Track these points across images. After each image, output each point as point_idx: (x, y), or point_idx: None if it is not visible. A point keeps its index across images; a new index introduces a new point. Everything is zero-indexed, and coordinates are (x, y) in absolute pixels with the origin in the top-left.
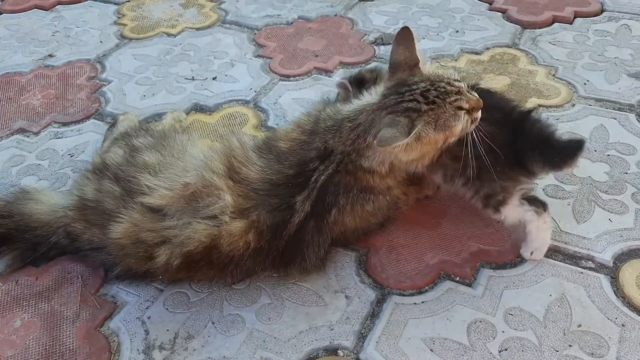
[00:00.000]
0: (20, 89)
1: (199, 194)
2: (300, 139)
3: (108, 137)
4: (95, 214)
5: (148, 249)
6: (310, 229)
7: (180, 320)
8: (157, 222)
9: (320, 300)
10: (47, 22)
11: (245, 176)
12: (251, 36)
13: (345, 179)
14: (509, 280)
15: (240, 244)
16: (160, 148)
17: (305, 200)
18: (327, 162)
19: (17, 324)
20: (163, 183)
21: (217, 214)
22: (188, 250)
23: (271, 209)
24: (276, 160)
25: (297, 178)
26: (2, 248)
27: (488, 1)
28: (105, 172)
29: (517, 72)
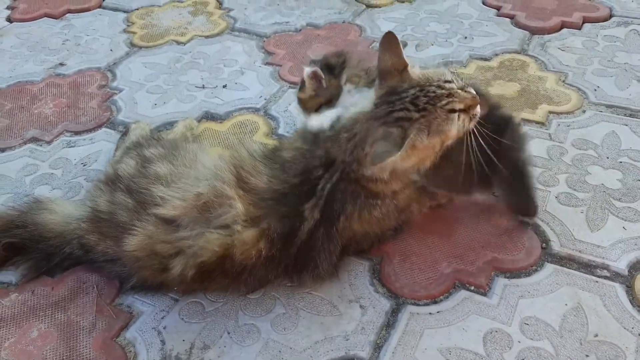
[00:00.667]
0: (32, 98)
1: (211, 203)
2: (303, 148)
3: (120, 146)
4: (108, 226)
5: (163, 261)
6: (320, 236)
7: (196, 330)
8: (171, 234)
9: (335, 310)
10: (57, 30)
11: (254, 186)
12: (260, 44)
13: (351, 186)
14: (524, 290)
15: (252, 252)
16: (172, 158)
17: (314, 208)
18: (331, 170)
19: (34, 334)
20: (176, 194)
21: (229, 223)
22: (202, 261)
23: (281, 217)
24: (281, 170)
25: (303, 186)
26: (16, 258)
27: (496, 7)
28: (117, 184)
29: (527, 78)
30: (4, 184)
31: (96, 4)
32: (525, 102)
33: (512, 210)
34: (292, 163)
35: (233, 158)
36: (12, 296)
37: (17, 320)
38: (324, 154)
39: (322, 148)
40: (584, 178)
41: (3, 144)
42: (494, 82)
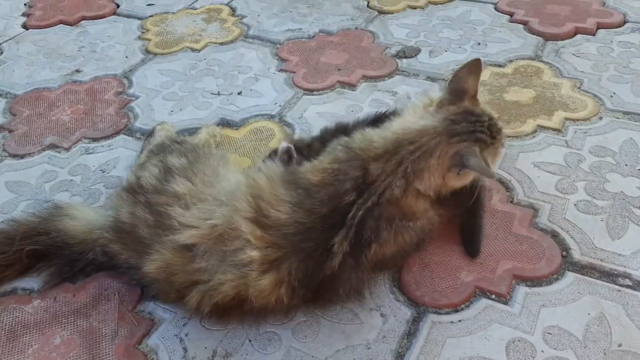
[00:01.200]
0: (49, 105)
1: (226, 235)
2: (332, 168)
3: (145, 147)
4: (131, 238)
5: (180, 290)
6: (347, 267)
7: (218, 338)
8: (187, 264)
9: (356, 318)
10: (72, 37)
11: (275, 220)
12: (274, 50)
13: (387, 209)
14: (546, 298)
15: (272, 299)
16: (191, 174)
17: (343, 241)
18: (366, 194)
19: (57, 341)
20: (193, 220)
21: (244, 264)
22: (216, 302)
23: (305, 256)
24: (307, 195)
25: (333, 217)
26: (39, 265)
27: (509, 13)
28: (138, 196)
29: (541, 84)
30: (24, 191)
31: (110, 11)
32: (540, 108)
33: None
34: (319, 187)
35: (250, 186)
36: (35, 303)
37: (40, 327)
38: (361, 173)
39: (360, 166)
40: (603, 186)
41: (22, 151)
42: (509, 88)
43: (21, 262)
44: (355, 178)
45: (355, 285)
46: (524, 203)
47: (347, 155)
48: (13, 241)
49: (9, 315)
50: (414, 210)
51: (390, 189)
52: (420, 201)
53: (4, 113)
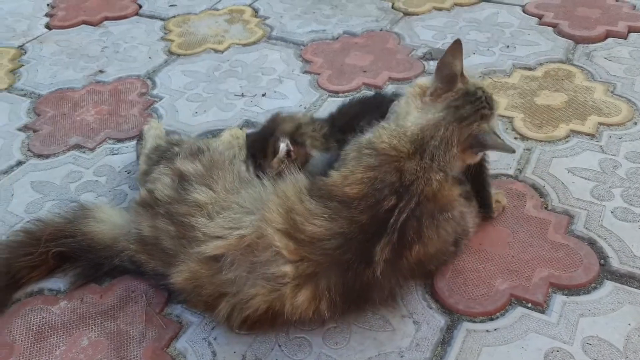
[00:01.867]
0: (73, 105)
1: (255, 245)
2: (367, 178)
3: (140, 153)
4: (156, 250)
5: (208, 301)
6: (386, 274)
7: (247, 342)
8: (214, 275)
9: (388, 325)
10: (95, 37)
11: (311, 234)
12: (297, 52)
13: (427, 206)
14: (584, 308)
15: (309, 313)
16: (211, 181)
17: (385, 247)
18: (407, 196)
19: (85, 342)
20: (219, 230)
21: (276, 277)
22: (247, 315)
23: (344, 268)
24: (344, 207)
25: (373, 225)
26: (65, 265)
27: (537, 15)
28: (156, 209)
29: (573, 88)
30: (49, 191)
31: (133, 11)
32: (573, 113)
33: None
34: (359, 199)
35: (280, 197)
36: (62, 304)
37: (67, 328)
38: (397, 177)
39: (395, 170)
40: None
41: (47, 151)
42: (540, 92)
43: (47, 263)
44: (392, 183)
45: (391, 291)
46: (559, 209)
47: (378, 160)
48: (39, 242)
49: (36, 315)
50: (451, 199)
51: (430, 185)
52: (454, 187)
53: (29, 113)
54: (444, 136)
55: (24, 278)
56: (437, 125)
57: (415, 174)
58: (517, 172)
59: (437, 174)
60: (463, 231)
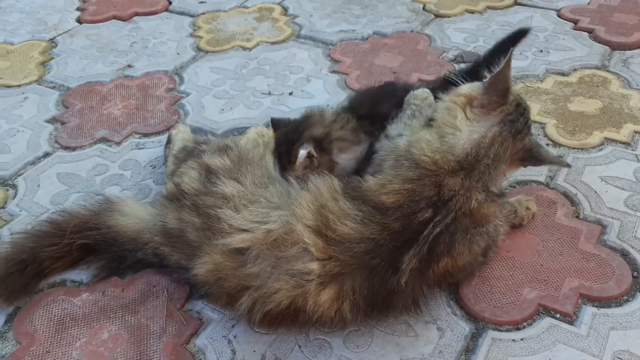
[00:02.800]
0: (101, 99)
1: (281, 240)
2: (405, 189)
3: (168, 155)
4: (180, 242)
5: (230, 293)
6: (411, 282)
7: (267, 342)
8: (238, 268)
9: (411, 331)
10: (125, 32)
11: (342, 235)
12: (326, 51)
13: (462, 222)
14: (615, 320)
15: (331, 312)
16: (239, 175)
17: (413, 258)
18: (444, 211)
19: (105, 335)
20: (245, 223)
21: (301, 274)
22: (269, 309)
23: (371, 273)
24: (377, 212)
25: (404, 234)
26: (89, 258)
27: (572, 20)
28: (183, 201)
29: (608, 95)
30: (75, 183)
31: (163, 7)
32: (608, 120)
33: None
34: (395, 209)
35: (313, 193)
36: (83, 295)
37: (88, 320)
38: (436, 192)
39: (434, 184)
40: None
41: (74, 143)
42: (574, 98)
43: (71, 254)
44: (430, 197)
45: (414, 299)
46: (591, 219)
47: (418, 173)
48: (64, 233)
49: (58, 306)
50: (487, 215)
51: (469, 203)
52: (492, 205)
53: (57, 105)
54: (497, 153)
55: (48, 268)
56: (493, 141)
57: (455, 191)
58: (548, 180)
59: (480, 194)
60: (493, 242)
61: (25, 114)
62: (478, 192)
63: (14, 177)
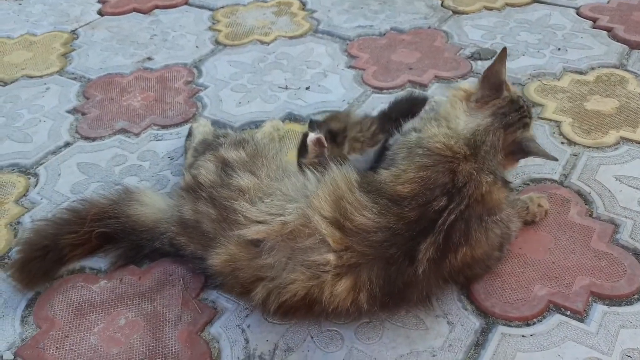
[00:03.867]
0: (121, 90)
1: (297, 232)
2: (420, 177)
3: (188, 147)
4: (196, 233)
5: (244, 284)
6: (427, 273)
7: (280, 332)
8: (253, 259)
9: (421, 324)
10: (145, 25)
11: (359, 225)
12: (343, 46)
13: (476, 209)
14: (625, 319)
15: (347, 303)
16: (255, 168)
17: (430, 247)
18: (457, 197)
19: (122, 322)
20: (261, 215)
21: (317, 265)
22: (285, 300)
23: (388, 262)
24: (393, 203)
25: (420, 223)
26: (107, 246)
27: (591, 18)
28: (199, 192)
29: (626, 95)
30: (95, 172)
31: (182, 0)
32: (624, 119)
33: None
34: (410, 198)
35: (330, 185)
36: (101, 283)
37: (106, 307)
38: (450, 178)
39: (448, 171)
40: None
41: (94, 134)
42: (590, 97)
43: (90, 242)
44: (445, 184)
45: (429, 292)
46: (604, 217)
47: (432, 160)
48: (84, 222)
49: (77, 292)
50: (498, 201)
51: (480, 188)
52: (502, 190)
53: (78, 96)
54: (493, 141)
55: (68, 255)
56: (487, 131)
57: (469, 176)
58: (562, 178)
59: (488, 176)
60: (508, 235)
61: (47, 104)
62: (486, 175)
63: (35, 165)
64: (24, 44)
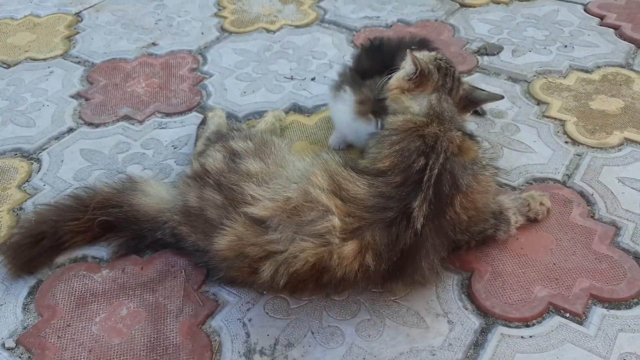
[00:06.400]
0: (125, 76)
1: (300, 208)
2: (394, 151)
3: (200, 135)
4: (199, 221)
5: (252, 264)
6: (428, 234)
7: (281, 327)
8: (260, 235)
9: (422, 322)
10: (150, 9)
11: (354, 194)
12: (349, 37)
13: (457, 160)
14: (624, 323)
15: (355, 266)
16: (263, 156)
17: (422, 203)
18: (434, 154)
19: (124, 312)
20: (267, 194)
21: (323, 233)
22: (295, 270)
23: (387, 224)
24: (379, 176)
25: (408, 185)
26: (109, 235)
27: (599, 15)
28: (206, 179)
29: (631, 95)
30: (98, 159)
31: None
32: (629, 120)
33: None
34: (391, 169)
35: (324, 165)
36: (104, 272)
37: (108, 296)
38: (421, 141)
39: (418, 137)
40: None
41: (97, 120)
42: (596, 96)
43: (92, 230)
44: (417, 147)
45: (436, 255)
46: (606, 219)
47: (400, 136)
48: (87, 209)
49: (79, 281)
50: (475, 151)
51: (453, 141)
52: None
53: (82, 81)
54: (448, 107)
55: (68, 242)
56: (439, 102)
57: (435, 135)
58: (565, 178)
59: (456, 132)
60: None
61: (51, 88)
62: (454, 132)
63: (38, 151)
64: (27, 25)
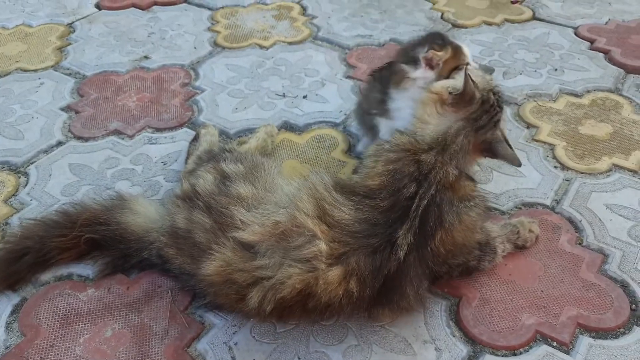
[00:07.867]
0: (116, 89)
1: (289, 232)
2: (387, 170)
3: (192, 152)
4: (186, 244)
5: (240, 290)
6: (412, 262)
7: (267, 351)
8: (248, 261)
9: (409, 349)
10: (143, 22)
11: (339, 219)
12: (342, 55)
13: (446, 194)
14: (611, 353)
15: (339, 292)
16: (253, 179)
17: (407, 232)
18: (425, 183)
19: (109, 333)
20: (256, 219)
21: (310, 259)
22: (282, 297)
23: (371, 250)
24: (367, 198)
25: (395, 211)
26: (95, 253)
27: (589, 39)
28: (196, 201)
29: (620, 120)
30: (86, 175)
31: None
32: (617, 146)
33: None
34: (381, 189)
35: (310, 190)
36: (89, 291)
37: (93, 316)
38: (416, 167)
39: (413, 162)
40: None
41: (87, 134)
42: (585, 121)
43: (78, 247)
44: (411, 173)
45: (420, 283)
46: (594, 247)
47: (397, 154)
48: (74, 226)
49: (64, 300)
50: (467, 190)
51: (447, 177)
52: (469, 182)
53: (72, 93)
54: (463, 143)
55: (54, 258)
56: (458, 133)
57: (432, 165)
58: (554, 203)
59: (454, 170)
60: (487, 237)
61: (41, 100)
62: (452, 168)
63: (26, 164)
64: (19, 35)
